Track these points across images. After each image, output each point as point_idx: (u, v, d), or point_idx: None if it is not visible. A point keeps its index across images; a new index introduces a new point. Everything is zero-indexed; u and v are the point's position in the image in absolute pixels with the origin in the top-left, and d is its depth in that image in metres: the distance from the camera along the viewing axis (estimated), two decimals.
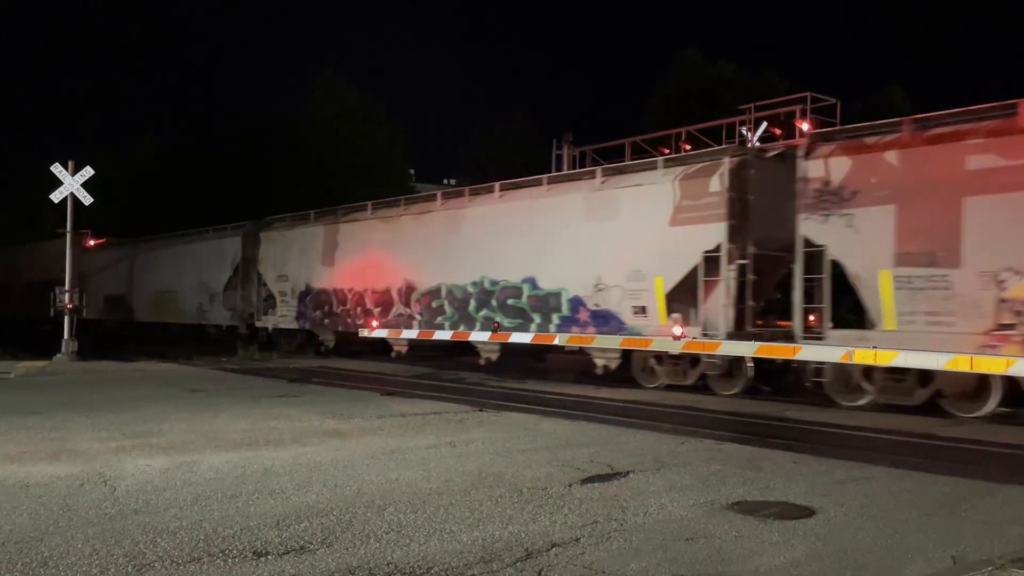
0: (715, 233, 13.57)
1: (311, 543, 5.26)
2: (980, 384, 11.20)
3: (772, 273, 13.86)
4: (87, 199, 21.27)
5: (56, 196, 21.29)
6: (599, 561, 4.94)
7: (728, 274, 13.50)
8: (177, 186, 42.09)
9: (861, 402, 12.37)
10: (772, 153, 14.13)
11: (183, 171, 42.43)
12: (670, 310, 14.29)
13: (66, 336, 21.15)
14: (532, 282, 16.57)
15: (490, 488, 6.82)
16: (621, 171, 15.78)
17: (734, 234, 13.45)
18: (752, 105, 16.25)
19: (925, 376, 11.63)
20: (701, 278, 13.77)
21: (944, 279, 11.16)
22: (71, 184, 21.17)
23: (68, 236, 21.91)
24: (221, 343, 25.14)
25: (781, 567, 4.87)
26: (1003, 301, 10.68)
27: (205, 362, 20.97)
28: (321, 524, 5.69)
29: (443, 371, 18.83)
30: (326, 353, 22.04)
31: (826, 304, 12.51)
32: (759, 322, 13.93)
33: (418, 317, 19.00)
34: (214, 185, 40.70)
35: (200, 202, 39.12)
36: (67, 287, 21.76)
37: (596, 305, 15.48)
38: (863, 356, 11.81)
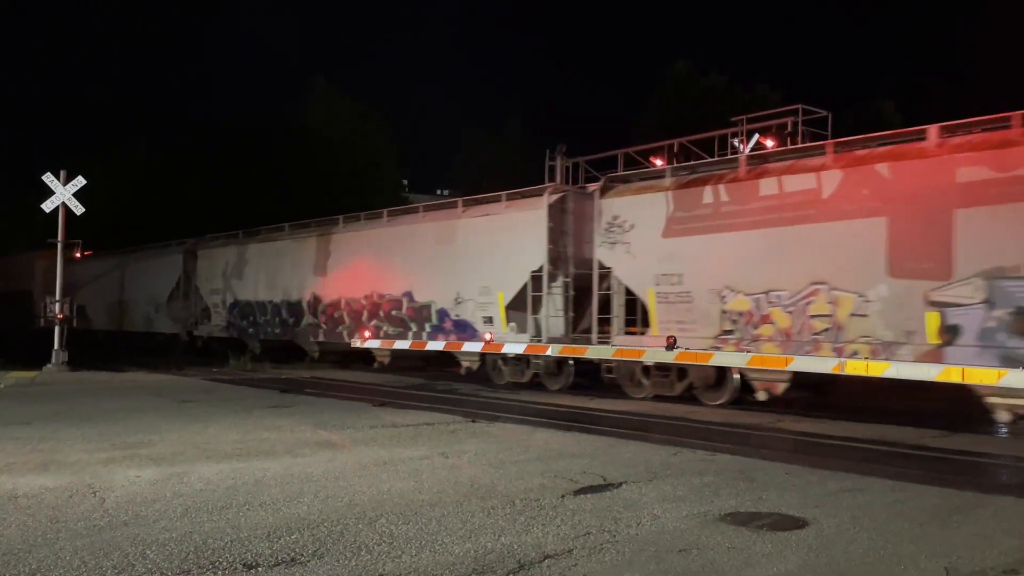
0: (539, 257, 16.30)
1: (302, 555, 5.22)
2: (719, 377, 13.92)
3: (591, 290, 16.13)
4: (79, 209, 21.21)
5: (47, 206, 21.22)
6: (592, 573, 4.92)
7: (552, 290, 16.36)
8: (168, 195, 42.04)
9: (642, 395, 15.04)
10: (590, 190, 16.69)
11: (175, 180, 42.39)
12: (509, 319, 17.02)
13: (56, 346, 21.03)
14: (409, 296, 19.41)
15: (483, 499, 6.79)
16: (477, 202, 18.75)
17: (554, 258, 16.23)
18: (744, 117, 16.33)
19: (683, 372, 14.36)
20: (530, 293, 16.56)
21: (688, 295, 14.23)
22: (62, 194, 21.11)
23: (59, 245, 21.83)
24: (212, 355, 25.48)
25: None
26: (724, 312, 13.71)
27: (196, 372, 20.88)
28: (312, 536, 5.65)
29: (436, 382, 18.80)
30: (258, 359, 23.28)
31: (614, 315, 15.43)
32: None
33: (323, 327, 22.18)
34: (203, 195, 40.68)
35: (189, 211, 39.10)
36: (58, 297, 21.66)
37: (457, 315, 18.18)
38: (638, 343, 15.08)
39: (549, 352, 15.98)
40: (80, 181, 21.21)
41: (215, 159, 41.82)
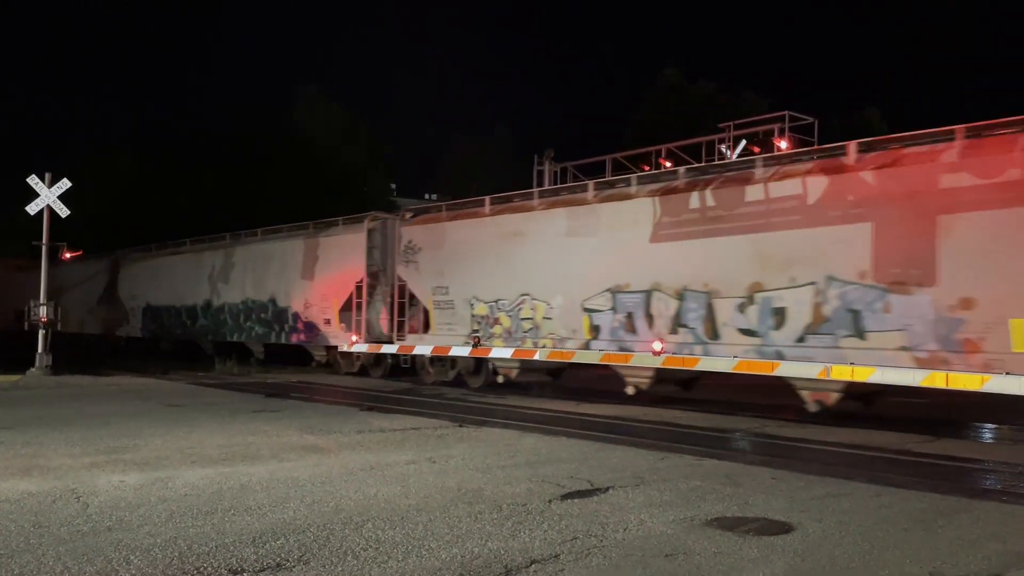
0: (360, 270, 20.27)
1: (287, 560, 5.19)
2: (477, 365, 18.18)
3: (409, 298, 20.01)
4: (63, 211, 21.05)
5: (32, 208, 21.06)
6: None
7: (374, 298, 20.19)
8: (152, 201, 41.84)
9: (430, 380, 19.10)
10: (408, 216, 20.46)
11: (159, 186, 42.18)
12: (341, 320, 20.95)
13: (40, 350, 20.85)
14: (273, 302, 23.61)
15: (470, 504, 6.78)
16: (327, 225, 22.72)
17: (374, 272, 20.21)
18: (731, 123, 16.42)
19: (454, 362, 18.62)
20: (355, 301, 20.37)
21: (451, 303, 18.34)
22: (47, 196, 20.96)
23: (44, 248, 21.67)
24: (197, 360, 25.57)
25: None
26: (473, 316, 17.74)
27: (181, 376, 20.75)
28: (298, 541, 5.62)
29: (422, 386, 18.78)
30: (168, 353, 25.13)
31: (406, 319, 19.44)
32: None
33: (212, 327, 26.46)
34: (189, 200, 40.53)
35: (178, 214, 38.94)
36: (42, 300, 21.48)
37: (306, 318, 22.36)
38: (418, 340, 19.12)
39: (364, 348, 20.30)
40: (65, 183, 21.05)
41: (200, 165, 41.67)
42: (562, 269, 15.92)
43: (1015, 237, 10.44)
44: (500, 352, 16.84)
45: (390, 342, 19.61)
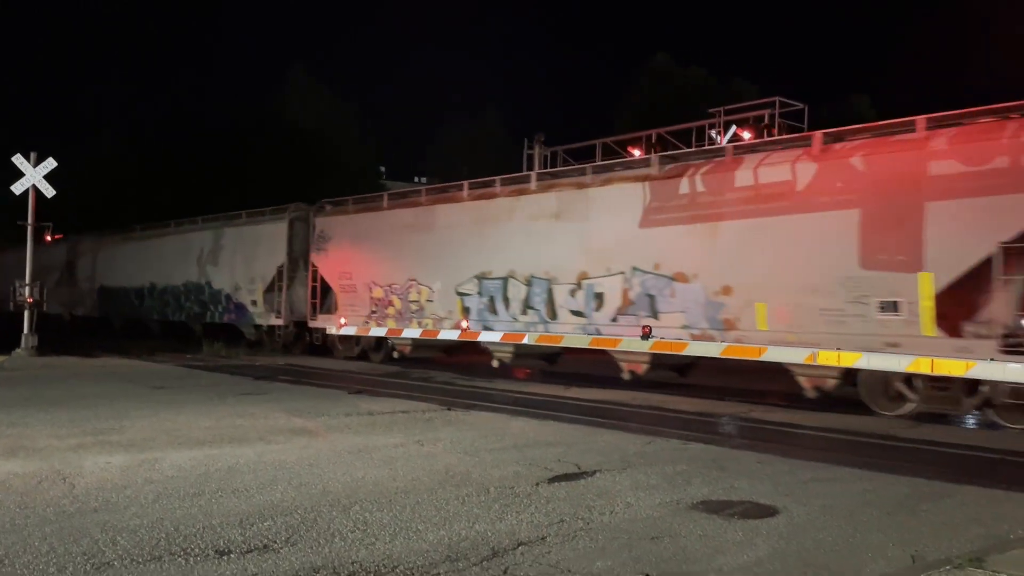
0: (281, 258, 22.79)
1: (275, 542, 5.20)
2: (378, 342, 20.33)
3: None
4: (49, 191, 20.87)
5: (17, 188, 20.86)
6: (565, 560, 4.95)
7: (294, 282, 22.56)
8: (143, 182, 41.53)
9: (342, 356, 21.12)
10: (327, 208, 22.23)
11: (150, 167, 41.87)
12: (265, 302, 23.24)
13: (26, 331, 20.72)
14: (209, 284, 25.69)
15: (457, 487, 6.80)
16: (251, 216, 24.81)
17: (294, 258, 22.60)
18: (721, 109, 16.40)
19: (358, 339, 20.85)
20: (276, 284, 22.86)
21: (354, 287, 20.46)
22: (32, 176, 20.75)
23: (29, 229, 21.49)
24: (188, 340, 25.52)
25: (744, 566, 4.91)
26: (372, 299, 19.95)
27: (169, 359, 20.68)
28: (285, 523, 5.63)
29: (412, 370, 18.78)
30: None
31: (318, 300, 21.71)
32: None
33: (157, 307, 28.83)
34: (179, 183, 40.26)
35: (167, 198, 38.69)
36: (27, 281, 21.32)
37: (237, 300, 24.45)
38: (328, 321, 21.37)
39: (285, 324, 22.90)
40: (51, 163, 20.85)
41: (186, 148, 41.35)
42: (441, 258, 18.21)
43: (755, 241, 13.03)
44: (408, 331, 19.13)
45: (312, 320, 22.16)
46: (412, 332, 18.60)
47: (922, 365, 11.05)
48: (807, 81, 66.18)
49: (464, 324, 17.45)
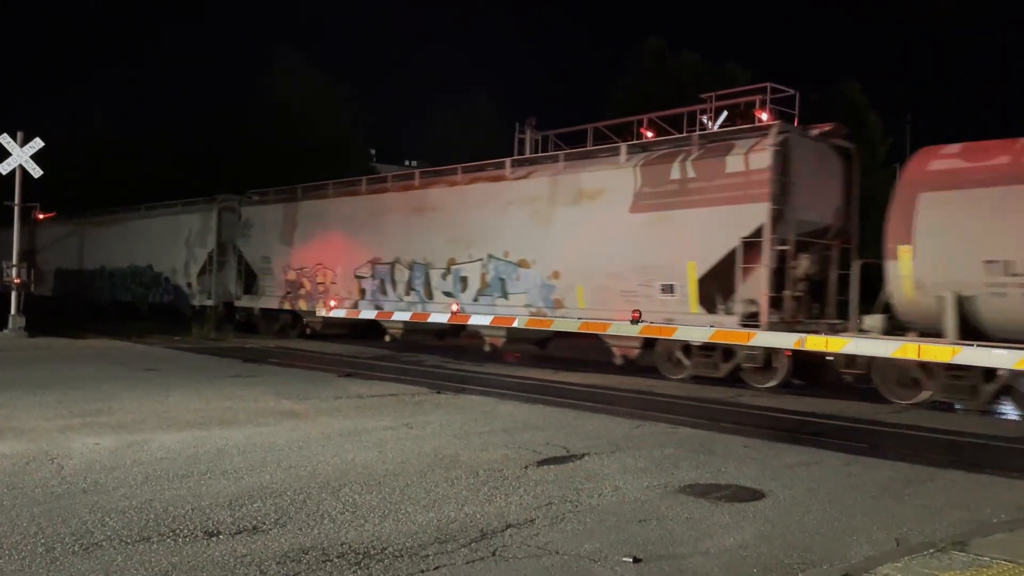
0: (211, 244, 25.65)
1: (264, 523, 5.21)
2: (294, 319, 22.74)
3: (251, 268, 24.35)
4: (36, 171, 20.69)
5: (3, 168, 20.66)
6: (553, 542, 4.98)
7: (223, 266, 25.26)
8: (132, 163, 41.22)
9: (268, 333, 23.00)
10: (254, 199, 24.63)
11: (138, 148, 41.54)
12: (199, 284, 25.94)
13: (13, 311, 20.61)
14: (151, 267, 28.54)
15: (446, 470, 6.83)
16: (190, 205, 27.26)
17: (223, 244, 25.22)
18: (713, 95, 16.33)
19: (278, 316, 23.22)
20: (208, 268, 25.58)
21: (271, 270, 23.00)
22: (19, 155, 20.56)
23: (16, 209, 21.31)
24: (179, 323, 25.41)
25: (731, 548, 4.96)
26: (286, 281, 22.35)
27: (158, 340, 20.61)
28: (275, 504, 5.64)
29: (402, 353, 18.80)
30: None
31: (243, 280, 24.11)
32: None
33: (105, 287, 31.07)
34: (166, 163, 39.99)
35: (154, 179, 38.45)
36: (14, 261, 21.17)
37: (175, 283, 27.18)
38: (250, 301, 23.97)
39: (215, 304, 25.20)
40: (38, 143, 20.68)
41: (178, 128, 41.02)
42: (343, 245, 20.65)
43: (576, 234, 15.63)
44: (307, 309, 21.79)
45: (237, 299, 24.60)
46: (322, 312, 21.01)
47: (719, 335, 13.47)
48: (799, 67, 66.20)
49: (360, 303, 20.09)
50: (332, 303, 20.50)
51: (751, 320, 13.19)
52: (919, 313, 11.63)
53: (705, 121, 16.31)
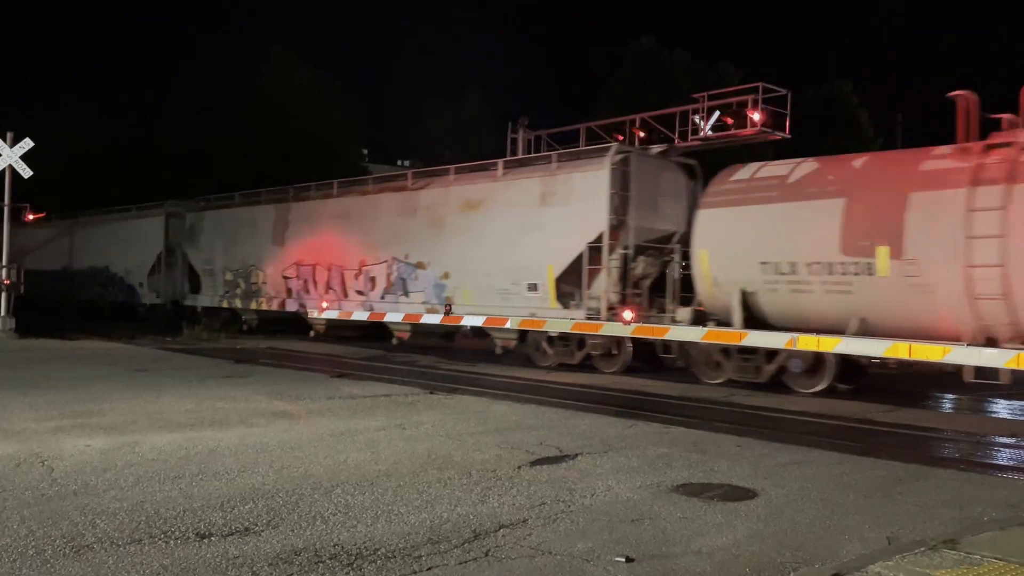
0: (159, 247, 27.46)
1: (256, 524, 5.20)
2: (233, 316, 24.61)
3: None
4: (26, 172, 20.58)
5: None
6: (546, 542, 4.98)
7: (170, 266, 26.90)
8: (122, 161, 41.06)
9: (207, 328, 23.78)
10: (200, 205, 26.70)
11: (130, 145, 41.39)
12: (148, 284, 27.82)
13: (3, 313, 20.50)
14: (107, 268, 30.33)
15: (439, 470, 6.82)
16: (141, 210, 29.14)
17: (171, 247, 27.11)
18: (705, 94, 16.36)
19: (217, 312, 24.87)
20: (157, 269, 27.42)
21: (213, 272, 25.13)
22: (9, 156, 20.45)
23: (6, 209, 21.20)
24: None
25: (723, 547, 4.97)
26: (225, 281, 24.47)
27: (149, 341, 20.54)
28: (267, 506, 5.62)
29: (394, 353, 18.77)
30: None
31: (188, 280, 26.31)
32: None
33: (70, 285, 32.46)
34: (158, 161, 39.84)
35: (143, 178, 38.33)
36: (4, 262, 21.06)
37: (128, 283, 29.01)
38: (195, 300, 26.13)
39: (164, 302, 27.31)
40: (28, 143, 20.56)
41: (170, 126, 40.88)
42: (271, 248, 22.86)
43: (463, 239, 17.70)
44: (243, 306, 23.92)
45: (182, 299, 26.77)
46: (257, 308, 23.41)
47: (577, 327, 15.43)
48: (791, 66, 66.32)
49: (287, 301, 22.13)
50: (262, 301, 23.06)
51: (596, 314, 15.19)
52: (717, 306, 13.85)
53: (697, 120, 16.34)
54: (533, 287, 16.22)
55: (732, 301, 13.24)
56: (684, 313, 14.42)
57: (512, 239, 16.65)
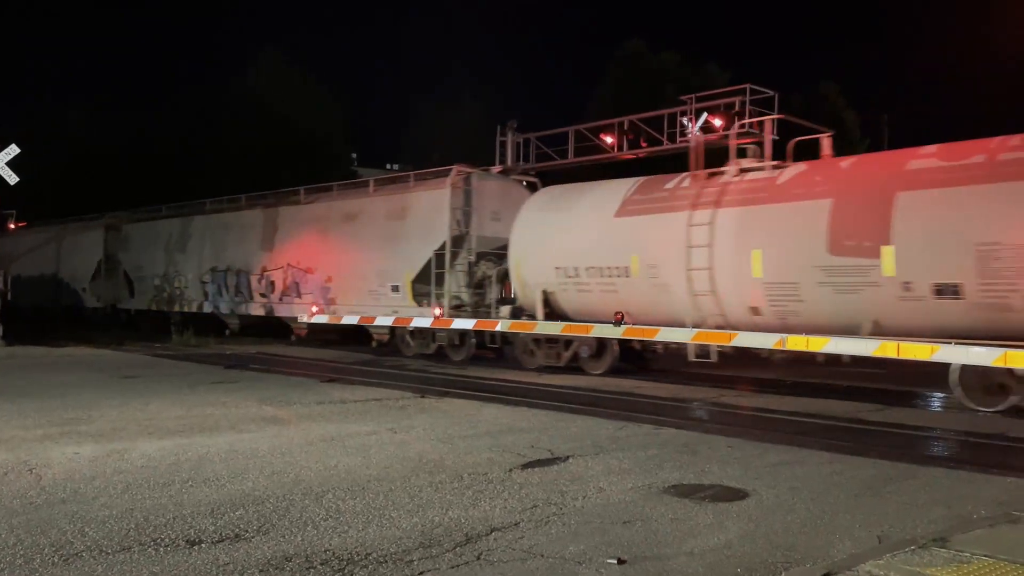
0: (99, 255, 29.57)
1: (247, 531, 5.17)
2: (163, 318, 26.40)
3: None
4: (12, 178, 20.47)
5: None
6: (538, 545, 4.98)
7: (110, 273, 29.03)
8: (105, 169, 40.89)
9: (146, 328, 26.54)
10: (134, 218, 29.35)
11: (115, 150, 41.20)
12: (92, 290, 29.85)
13: None
14: (55, 275, 31.94)
15: (431, 474, 6.80)
16: (85, 223, 31.28)
17: (109, 255, 29.19)
18: (693, 96, 16.40)
19: (147, 314, 27.45)
20: (98, 275, 29.45)
21: (144, 278, 27.68)
22: None
23: None
24: (155, 330, 25.41)
25: (715, 548, 4.98)
26: (153, 286, 26.74)
27: (137, 347, 20.43)
28: (257, 512, 5.60)
29: (385, 357, 18.73)
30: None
31: (125, 286, 28.57)
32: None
33: (23, 290, 32.69)
34: (145, 165, 39.68)
35: (127, 184, 38.21)
36: None
37: (73, 288, 30.86)
38: (130, 304, 28.69)
39: (103, 306, 29.42)
40: (14, 150, 20.48)
41: (160, 130, 40.73)
42: (192, 256, 25.42)
43: (344, 246, 20.18)
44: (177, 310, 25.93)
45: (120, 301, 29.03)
46: (180, 310, 25.76)
47: (436, 323, 17.50)
48: (778, 68, 66.61)
49: (204, 303, 24.85)
50: (184, 304, 25.59)
51: (440, 311, 17.59)
52: (528, 303, 16.31)
53: (685, 123, 16.39)
54: (396, 288, 18.79)
55: (537, 299, 15.80)
56: (505, 310, 16.89)
57: (379, 247, 19.22)
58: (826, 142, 13.53)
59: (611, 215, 15.02)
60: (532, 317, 16.06)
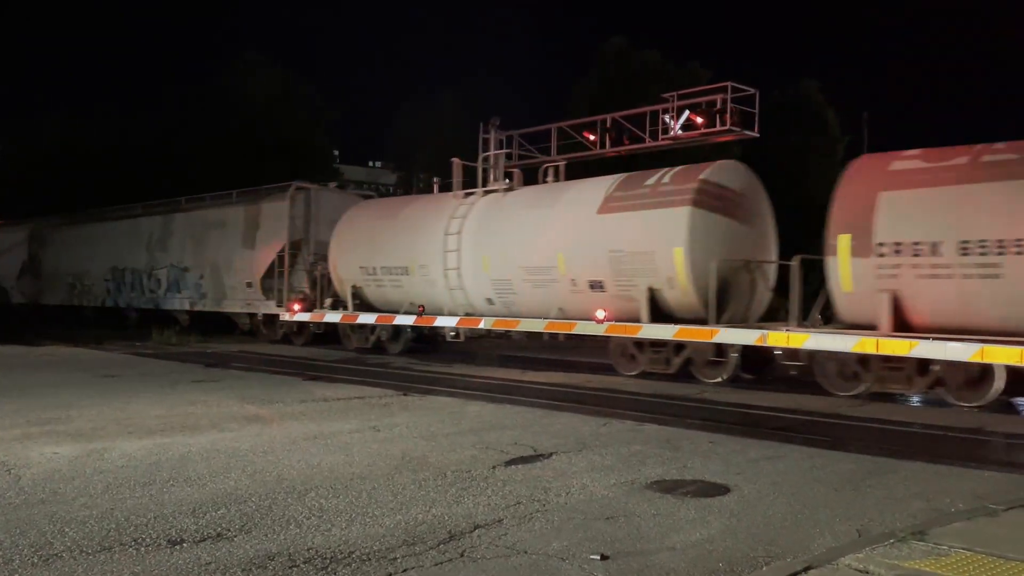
0: (24, 255, 33.06)
1: (229, 530, 5.15)
2: (75, 311, 30.04)
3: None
4: None
5: None
6: (521, 541, 4.99)
7: (41, 274, 31.66)
8: (83, 166, 40.48)
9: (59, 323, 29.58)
10: (55, 222, 32.05)
11: (92, 150, 40.79)
12: (18, 287, 33.04)
13: None
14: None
15: (414, 472, 6.80)
16: (14, 225, 34.51)
17: (32, 255, 32.54)
18: (675, 94, 16.46)
19: (101, 309, 29.54)
20: (24, 274, 32.47)
21: (57, 274, 30.64)
22: None
23: None
24: (139, 327, 25.30)
25: (697, 543, 5.01)
26: (67, 284, 30.62)
27: (117, 346, 20.25)
28: (239, 511, 5.57)
29: (367, 355, 18.68)
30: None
31: (43, 283, 32.04)
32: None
33: None
34: (125, 165, 39.35)
35: (111, 181, 37.83)
36: None
37: (3, 285, 33.65)
38: (46, 299, 32.20)
39: (25, 302, 32.58)
40: None
41: (140, 130, 40.38)
42: (94, 257, 28.56)
43: (216, 248, 24.03)
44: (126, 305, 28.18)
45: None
46: (89, 305, 29.15)
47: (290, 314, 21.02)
48: (759, 66, 66.98)
49: (106, 300, 28.23)
50: (92, 299, 28.70)
51: (282, 304, 21.29)
52: (343, 296, 20.04)
53: (667, 120, 16.45)
54: (250, 284, 22.53)
55: (348, 293, 19.59)
56: (328, 303, 20.54)
57: (239, 249, 22.99)
58: (555, 170, 17.15)
59: (397, 224, 18.90)
60: (346, 308, 19.74)
